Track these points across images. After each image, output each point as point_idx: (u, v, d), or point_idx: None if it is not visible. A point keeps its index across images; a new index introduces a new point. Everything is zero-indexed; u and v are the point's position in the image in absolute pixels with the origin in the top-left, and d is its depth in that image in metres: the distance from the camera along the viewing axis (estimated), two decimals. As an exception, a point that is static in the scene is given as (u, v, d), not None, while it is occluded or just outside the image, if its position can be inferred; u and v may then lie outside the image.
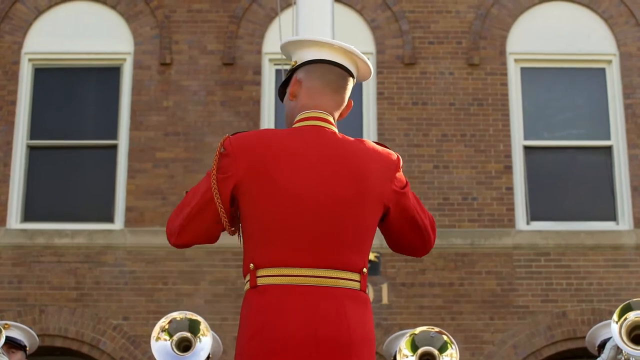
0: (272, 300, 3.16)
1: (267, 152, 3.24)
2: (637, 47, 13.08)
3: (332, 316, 3.13)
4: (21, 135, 12.79)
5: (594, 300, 12.16)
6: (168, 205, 12.40)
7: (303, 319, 3.12)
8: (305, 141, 3.28)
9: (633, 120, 12.81)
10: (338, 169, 3.24)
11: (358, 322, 3.17)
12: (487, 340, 12.03)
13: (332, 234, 3.19)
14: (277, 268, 3.19)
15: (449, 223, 12.40)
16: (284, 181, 3.20)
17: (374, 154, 3.33)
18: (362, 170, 3.26)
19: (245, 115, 12.75)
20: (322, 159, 3.25)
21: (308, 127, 3.34)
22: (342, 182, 3.23)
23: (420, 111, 12.81)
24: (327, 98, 3.40)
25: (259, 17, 13.17)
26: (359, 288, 3.22)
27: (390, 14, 13.17)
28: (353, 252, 3.22)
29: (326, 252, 3.18)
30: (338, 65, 3.42)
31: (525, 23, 13.27)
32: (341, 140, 3.32)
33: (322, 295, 3.15)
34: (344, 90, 3.44)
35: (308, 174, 3.22)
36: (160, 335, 7.76)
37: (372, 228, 3.29)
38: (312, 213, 3.19)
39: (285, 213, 3.19)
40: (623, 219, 12.57)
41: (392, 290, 12.10)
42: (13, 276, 12.16)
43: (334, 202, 3.20)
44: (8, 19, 13.09)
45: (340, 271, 3.19)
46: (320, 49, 3.43)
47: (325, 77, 3.41)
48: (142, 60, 13.00)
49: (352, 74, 3.46)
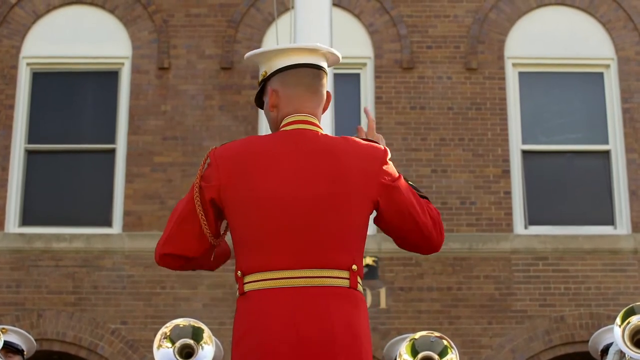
0: (256, 306, 3.19)
1: (248, 159, 3.29)
2: (635, 52, 13.09)
3: (315, 316, 3.13)
4: (19, 140, 12.78)
5: (592, 305, 12.16)
6: (166, 210, 12.39)
7: (285, 322, 3.13)
8: (285, 145, 3.31)
9: (631, 124, 12.82)
10: (317, 169, 3.25)
11: (344, 321, 3.14)
12: (485, 345, 12.03)
13: (313, 234, 3.19)
14: (260, 273, 3.21)
15: (447, 227, 12.40)
16: (262, 187, 3.24)
17: (356, 150, 3.32)
18: (342, 169, 3.25)
19: (244, 119, 12.76)
20: (301, 161, 3.27)
21: (290, 131, 3.36)
22: (321, 182, 3.23)
23: (418, 115, 12.82)
24: (307, 101, 3.42)
25: (257, 21, 13.17)
26: (348, 285, 3.20)
27: (388, 19, 13.18)
28: (338, 250, 3.20)
29: (308, 253, 3.18)
30: (309, 65, 3.43)
31: (523, 27, 13.28)
32: (322, 141, 3.33)
33: (306, 295, 3.15)
34: (321, 88, 3.45)
35: (286, 178, 3.24)
36: (162, 342, 7.73)
37: (360, 225, 3.27)
38: (291, 215, 3.20)
39: (265, 218, 3.22)
40: (621, 223, 12.57)
41: (390, 295, 12.09)
42: (11, 280, 12.15)
43: (313, 203, 3.21)
44: (6, 23, 13.09)
45: (325, 270, 3.18)
46: (287, 55, 3.44)
47: (301, 81, 3.43)
48: (140, 64, 13.00)
49: (324, 69, 3.47)
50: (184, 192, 12.37)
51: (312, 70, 3.43)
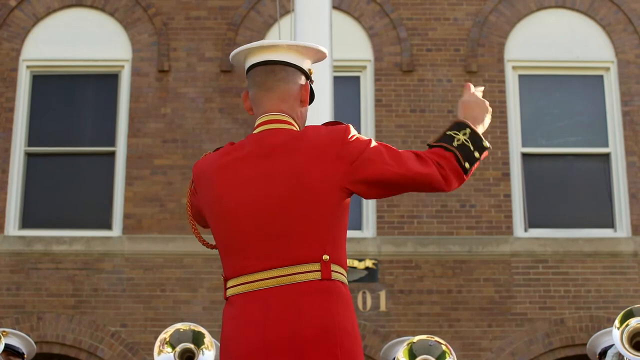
0: (234, 312, 3.24)
1: (214, 169, 3.37)
2: (634, 55, 13.10)
3: (283, 317, 3.13)
4: (19, 142, 12.78)
5: (592, 308, 12.16)
6: (166, 212, 12.40)
7: (254, 325, 3.15)
8: (249, 149, 3.35)
9: (631, 127, 12.82)
10: (275, 169, 3.26)
11: (315, 315, 3.13)
12: (485, 348, 12.02)
13: (276, 233, 3.21)
14: (237, 278, 3.26)
15: (447, 230, 12.40)
16: (226, 194, 3.30)
17: (314, 140, 3.29)
18: (299, 163, 3.25)
19: (243, 122, 12.76)
20: (260, 164, 3.29)
21: (256, 134, 3.39)
22: (279, 180, 3.24)
23: (418, 118, 12.82)
24: (266, 99, 3.42)
25: (257, 24, 13.17)
26: (320, 278, 3.18)
27: (388, 21, 13.19)
28: (306, 244, 3.20)
29: (275, 252, 3.20)
30: (260, 63, 3.42)
31: (523, 30, 13.29)
32: (282, 139, 3.32)
33: (276, 295, 3.16)
34: (279, 83, 3.42)
35: (247, 182, 3.28)
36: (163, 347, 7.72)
37: (328, 215, 3.23)
38: (255, 218, 3.23)
39: (232, 224, 3.27)
40: (621, 226, 12.57)
41: (390, 298, 12.09)
42: (11, 283, 12.15)
43: (273, 203, 3.22)
44: (6, 26, 13.09)
45: (294, 266, 3.18)
46: (252, 55, 3.47)
47: (255, 81, 3.45)
48: (140, 67, 13.00)
49: (285, 62, 3.43)
50: (183, 195, 12.39)
51: (264, 68, 3.42)
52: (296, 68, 3.45)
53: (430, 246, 12.23)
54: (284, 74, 3.42)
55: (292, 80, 3.44)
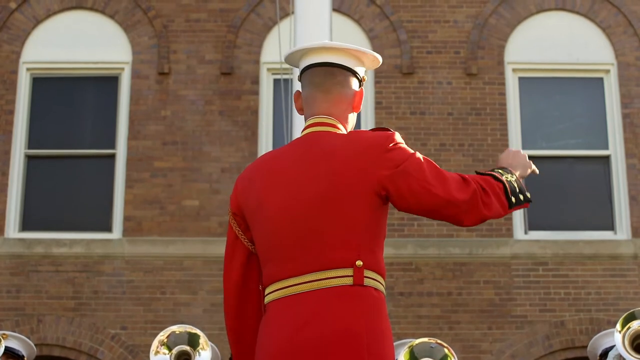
0: (268, 317, 3.25)
1: (257, 176, 3.37)
2: (635, 57, 13.10)
3: (311, 318, 3.12)
4: (19, 145, 12.78)
5: (592, 310, 12.16)
6: (166, 215, 12.40)
7: (284, 330, 3.15)
8: (293, 154, 3.34)
9: (631, 129, 12.82)
10: (315, 173, 3.25)
11: (342, 318, 3.12)
12: (485, 350, 12.02)
13: (310, 238, 3.20)
14: (274, 284, 3.26)
15: (447, 232, 12.40)
16: (267, 200, 3.29)
17: (356, 145, 3.27)
18: (338, 167, 3.22)
19: (243, 124, 12.76)
20: (302, 168, 3.28)
21: (302, 137, 3.39)
22: (318, 185, 3.22)
23: (418, 121, 12.82)
24: (320, 101, 3.40)
25: (257, 26, 13.18)
26: (352, 283, 3.17)
27: (388, 24, 13.19)
28: (338, 249, 3.19)
29: (310, 257, 3.19)
30: (320, 64, 3.40)
31: (523, 33, 13.29)
32: (326, 142, 3.31)
33: (307, 300, 3.16)
34: (336, 86, 3.40)
35: (288, 188, 3.27)
36: (160, 349, 7.73)
37: (363, 220, 3.22)
38: (292, 223, 3.23)
39: (272, 230, 3.27)
40: (621, 228, 12.57)
41: (390, 300, 12.08)
42: (11, 285, 12.15)
43: (310, 207, 3.22)
44: (6, 29, 13.09)
45: (326, 271, 3.18)
46: (307, 56, 3.45)
47: (312, 81, 3.42)
48: (140, 69, 13.00)
49: (345, 66, 3.41)
50: (184, 197, 12.40)
51: (323, 69, 3.40)
52: (353, 73, 3.44)
53: (430, 248, 12.23)
54: (342, 77, 3.41)
55: (348, 85, 3.42)
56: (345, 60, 3.41)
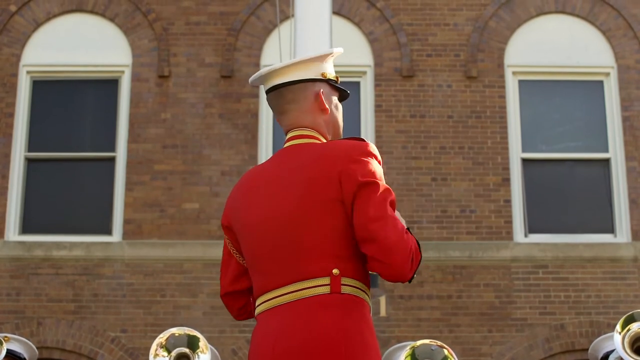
0: (256, 329, 3.33)
1: (239, 192, 3.46)
2: (634, 60, 13.10)
3: (291, 328, 3.17)
4: (19, 148, 12.78)
5: (592, 313, 12.16)
6: (166, 218, 12.39)
7: (266, 339, 3.22)
8: (270, 168, 3.42)
9: (631, 132, 12.83)
10: (289, 185, 3.29)
11: (321, 327, 3.14)
12: (485, 353, 12.02)
13: (288, 249, 3.24)
14: (260, 296, 3.33)
15: (447, 235, 12.40)
16: (247, 216, 3.38)
17: (328, 153, 3.27)
18: (309, 177, 3.25)
19: (243, 127, 12.76)
20: (277, 182, 3.34)
21: (278, 152, 3.48)
22: (291, 196, 3.26)
23: (419, 124, 12.83)
24: (283, 120, 3.49)
25: (257, 29, 13.18)
26: (329, 291, 3.19)
27: (388, 27, 13.19)
28: (315, 259, 3.21)
29: (287, 268, 3.24)
30: (269, 90, 3.48)
31: (523, 36, 13.29)
32: (301, 153, 3.35)
33: (287, 311, 3.21)
34: (289, 105, 3.44)
35: (265, 202, 3.34)
36: (159, 351, 7.72)
37: (337, 228, 3.21)
38: (268, 236, 3.29)
39: (252, 245, 3.35)
40: (621, 231, 12.57)
41: (390, 303, 12.08)
42: (11, 288, 12.15)
43: (285, 219, 3.26)
44: (6, 32, 13.10)
45: (304, 281, 3.21)
46: (264, 83, 3.53)
47: (270, 106, 3.53)
48: (140, 72, 13.00)
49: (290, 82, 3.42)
50: (184, 200, 12.40)
51: (273, 93, 3.47)
52: (304, 82, 3.45)
53: (430, 251, 12.23)
54: (292, 95, 3.44)
55: (302, 97, 3.44)
56: (289, 76, 3.43)
